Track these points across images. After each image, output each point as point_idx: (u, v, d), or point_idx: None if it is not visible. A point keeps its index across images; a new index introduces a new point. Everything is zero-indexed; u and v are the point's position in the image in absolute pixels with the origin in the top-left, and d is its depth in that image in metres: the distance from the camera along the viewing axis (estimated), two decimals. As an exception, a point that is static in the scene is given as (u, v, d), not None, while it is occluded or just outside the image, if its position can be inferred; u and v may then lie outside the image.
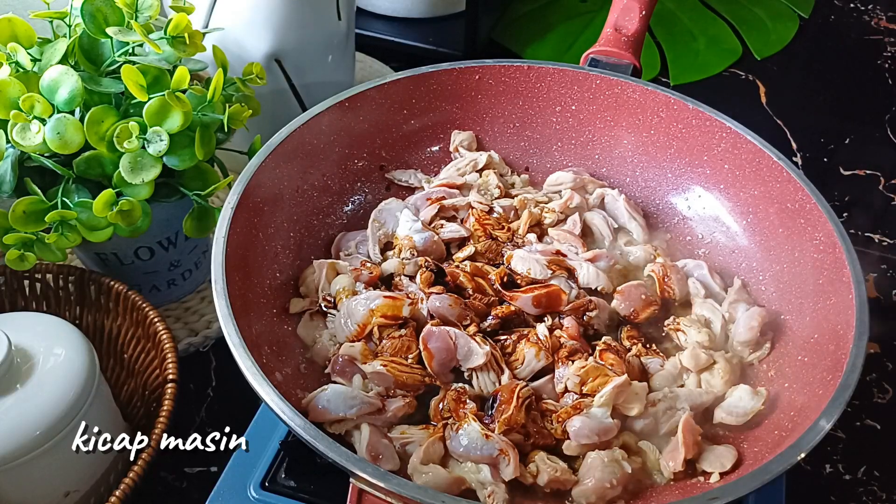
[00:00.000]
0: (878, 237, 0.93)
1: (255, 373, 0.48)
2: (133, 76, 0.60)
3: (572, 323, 0.59)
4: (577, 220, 0.69)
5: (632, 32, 0.77)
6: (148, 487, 0.65)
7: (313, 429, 0.45)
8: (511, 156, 0.77)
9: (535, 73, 0.73)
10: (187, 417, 0.71)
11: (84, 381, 0.56)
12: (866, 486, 0.69)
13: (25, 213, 0.60)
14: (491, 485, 0.51)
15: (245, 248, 0.59)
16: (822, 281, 0.58)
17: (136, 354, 0.69)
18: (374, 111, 0.70)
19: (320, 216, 0.69)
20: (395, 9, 1.14)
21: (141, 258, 0.72)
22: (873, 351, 0.79)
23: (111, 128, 0.60)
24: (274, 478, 0.57)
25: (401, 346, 0.56)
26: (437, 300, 0.57)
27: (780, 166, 0.63)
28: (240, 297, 0.54)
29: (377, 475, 0.43)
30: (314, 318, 0.62)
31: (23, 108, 0.58)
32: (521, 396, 0.53)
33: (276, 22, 0.80)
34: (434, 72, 0.72)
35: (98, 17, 0.63)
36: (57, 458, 0.55)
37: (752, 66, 1.18)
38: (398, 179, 0.74)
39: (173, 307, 0.80)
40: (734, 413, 0.55)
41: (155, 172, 0.61)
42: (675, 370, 0.58)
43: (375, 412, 0.54)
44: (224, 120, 0.64)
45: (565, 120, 0.75)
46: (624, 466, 0.51)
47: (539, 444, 0.54)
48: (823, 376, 0.52)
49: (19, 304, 0.72)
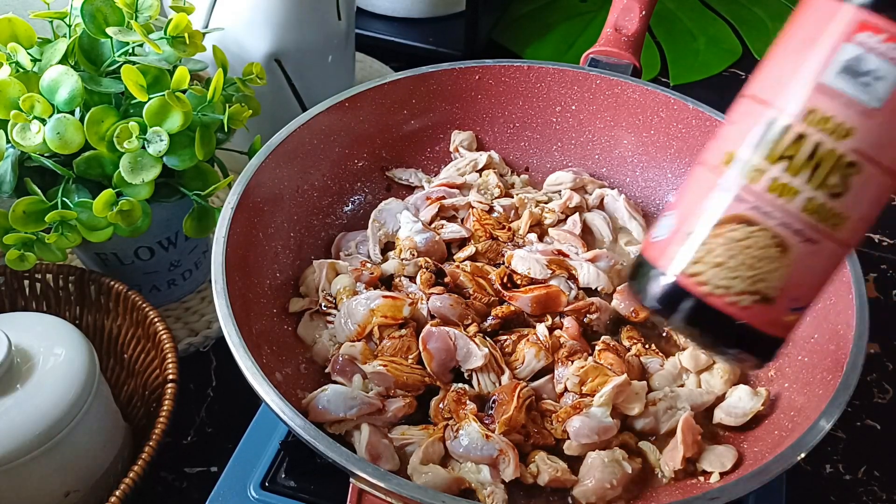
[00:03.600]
0: (878, 237, 0.93)
1: (255, 373, 0.48)
2: (133, 76, 0.60)
3: (572, 323, 0.59)
4: (577, 220, 0.69)
5: (632, 32, 0.77)
6: (148, 487, 0.65)
7: (313, 429, 0.45)
8: (511, 156, 0.77)
9: (535, 73, 0.73)
10: (187, 417, 0.71)
11: (84, 381, 0.56)
12: (866, 486, 0.69)
13: (25, 213, 0.60)
14: (490, 485, 0.51)
15: (245, 248, 0.59)
16: (822, 281, 0.58)
17: (136, 354, 0.69)
18: (374, 111, 0.71)
19: (320, 216, 0.69)
20: (395, 9, 1.14)
21: (141, 258, 0.72)
22: (873, 351, 0.79)
23: (111, 128, 0.60)
24: (274, 478, 0.57)
25: (401, 346, 0.56)
26: (438, 300, 0.57)
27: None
28: (240, 297, 0.54)
29: (377, 475, 0.43)
30: (314, 318, 0.62)
31: (23, 108, 0.58)
32: (522, 397, 0.53)
33: (276, 22, 0.80)
34: (434, 72, 0.72)
35: (98, 17, 0.63)
36: (57, 458, 0.55)
37: (752, 66, 1.17)
38: (399, 178, 0.74)
39: (173, 307, 0.80)
40: (733, 413, 0.55)
41: (155, 172, 0.61)
42: (675, 370, 0.58)
43: (375, 412, 0.54)
44: (224, 120, 0.64)
45: (565, 120, 0.75)
46: (624, 467, 0.51)
47: (539, 444, 0.54)
48: (823, 376, 0.52)
49: (19, 304, 0.72)
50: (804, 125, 0.31)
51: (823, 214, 0.31)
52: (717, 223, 0.33)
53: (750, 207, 0.32)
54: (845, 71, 0.30)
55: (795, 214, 0.31)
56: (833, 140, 0.30)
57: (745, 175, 0.32)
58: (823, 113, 0.30)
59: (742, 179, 0.32)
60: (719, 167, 0.33)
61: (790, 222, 0.31)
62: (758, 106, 0.32)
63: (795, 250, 0.32)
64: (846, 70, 0.30)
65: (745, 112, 0.33)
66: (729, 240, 0.32)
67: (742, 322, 0.33)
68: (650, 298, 0.35)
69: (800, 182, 0.31)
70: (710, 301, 0.33)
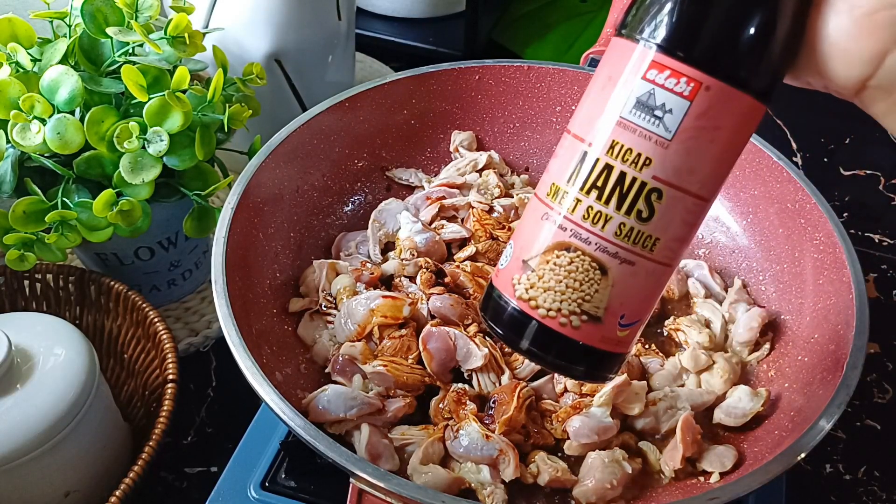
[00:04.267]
0: (878, 237, 0.93)
1: (255, 373, 0.48)
2: (133, 76, 0.60)
3: (572, 323, 0.59)
4: (577, 221, 0.69)
5: (632, 32, 0.77)
6: (148, 487, 0.65)
7: (313, 429, 0.45)
8: (511, 156, 0.77)
9: (535, 73, 0.73)
10: (187, 417, 0.71)
11: (84, 381, 0.56)
12: (866, 486, 0.69)
13: (25, 213, 0.60)
14: (490, 485, 0.51)
15: (245, 248, 0.59)
16: (822, 281, 0.58)
17: (136, 354, 0.69)
18: (374, 111, 0.71)
19: (320, 216, 0.69)
20: (395, 9, 1.14)
21: (141, 258, 0.72)
22: (873, 351, 0.79)
23: (111, 128, 0.60)
24: (274, 478, 0.57)
25: (401, 346, 0.56)
26: (439, 300, 0.57)
27: (781, 166, 0.63)
28: (240, 297, 0.54)
29: (377, 475, 0.43)
30: (314, 318, 0.62)
31: (23, 109, 0.58)
32: (522, 397, 0.53)
33: (276, 22, 0.80)
34: (434, 72, 0.72)
35: (98, 17, 0.63)
36: (57, 458, 0.55)
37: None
38: (399, 178, 0.74)
39: (173, 307, 0.80)
40: (733, 414, 0.55)
41: (155, 172, 0.61)
42: (675, 370, 0.58)
43: (375, 412, 0.54)
44: (224, 120, 0.64)
45: (565, 120, 0.74)
46: (624, 467, 0.51)
47: (539, 444, 0.54)
48: (823, 376, 0.52)
49: (19, 304, 0.72)
50: (609, 157, 0.34)
51: (635, 237, 0.34)
52: (545, 250, 0.36)
53: (571, 235, 0.35)
54: (639, 106, 0.33)
55: (609, 239, 0.34)
56: (635, 170, 0.33)
57: (565, 205, 0.35)
58: (624, 145, 0.33)
59: (563, 209, 0.35)
60: (547, 199, 0.36)
61: (606, 246, 0.34)
62: (575, 141, 0.35)
63: (614, 272, 0.35)
64: (640, 105, 0.33)
65: (566, 147, 0.36)
66: (556, 265, 0.35)
67: (578, 341, 0.36)
68: (497, 325, 0.38)
69: (610, 209, 0.34)
70: (547, 323, 0.36)
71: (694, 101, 0.32)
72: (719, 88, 0.32)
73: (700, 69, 0.32)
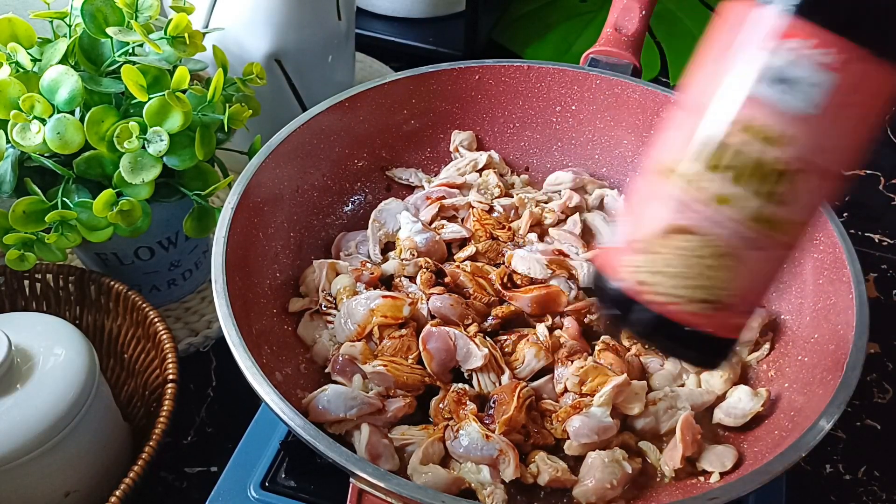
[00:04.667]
0: (878, 237, 0.93)
1: (255, 373, 0.48)
2: (133, 76, 0.60)
3: (572, 323, 0.59)
4: (577, 220, 0.69)
5: (632, 32, 0.77)
6: (148, 487, 0.65)
7: (313, 429, 0.45)
8: (511, 156, 0.77)
9: (535, 73, 0.73)
10: (187, 417, 0.71)
11: (84, 381, 0.56)
12: (866, 486, 0.69)
13: (25, 213, 0.60)
14: (490, 485, 0.51)
15: (245, 248, 0.59)
16: (822, 281, 0.58)
17: (136, 354, 0.69)
18: (374, 111, 0.71)
19: (320, 216, 0.69)
20: (395, 9, 1.14)
21: (141, 258, 0.72)
22: (873, 351, 0.79)
23: (111, 128, 0.60)
24: (274, 478, 0.57)
25: (401, 346, 0.56)
26: (439, 300, 0.57)
27: (781, 166, 0.63)
28: (240, 297, 0.54)
29: (377, 475, 0.43)
30: (314, 318, 0.62)
31: (23, 108, 0.58)
32: (522, 397, 0.53)
33: (276, 22, 0.80)
34: (434, 72, 0.72)
35: (98, 17, 0.63)
36: (57, 458, 0.55)
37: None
38: (399, 178, 0.74)
39: (173, 307, 0.80)
40: (732, 414, 0.55)
41: (155, 172, 0.61)
42: (675, 370, 0.58)
43: (375, 412, 0.54)
44: (224, 120, 0.64)
45: (565, 120, 0.75)
46: (625, 467, 0.51)
47: (539, 444, 0.54)
48: (823, 376, 0.52)
49: (19, 304, 0.72)
50: (743, 135, 0.31)
51: (771, 222, 0.31)
52: (665, 233, 0.33)
53: (696, 218, 0.32)
54: (778, 80, 0.30)
55: (743, 224, 0.31)
56: (773, 149, 0.30)
57: (691, 186, 0.32)
58: (760, 123, 0.30)
59: (687, 190, 0.32)
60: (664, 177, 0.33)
61: (739, 231, 0.31)
62: (695, 117, 0.32)
63: (744, 258, 0.32)
64: (778, 79, 0.30)
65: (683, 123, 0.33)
66: (677, 249, 0.32)
67: (694, 328, 0.33)
68: (607, 305, 0.36)
69: (745, 192, 0.31)
70: (663, 310, 0.33)
71: (842, 75, 0.29)
72: (871, 61, 0.29)
73: (852, 39, 0.29)
